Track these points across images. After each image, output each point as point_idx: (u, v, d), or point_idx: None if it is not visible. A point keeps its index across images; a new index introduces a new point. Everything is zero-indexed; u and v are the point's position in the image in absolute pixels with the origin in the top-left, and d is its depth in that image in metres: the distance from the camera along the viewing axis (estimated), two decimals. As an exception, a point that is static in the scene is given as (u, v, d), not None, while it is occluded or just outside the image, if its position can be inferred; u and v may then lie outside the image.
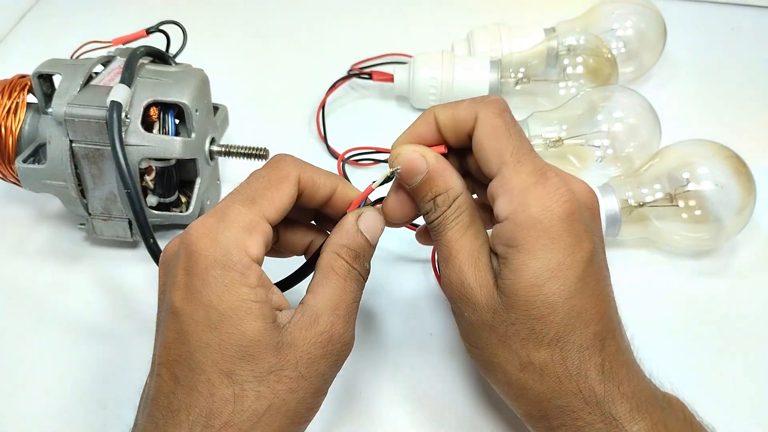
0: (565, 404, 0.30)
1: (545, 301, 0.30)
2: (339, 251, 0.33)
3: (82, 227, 0.46)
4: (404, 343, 0.42)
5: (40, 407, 0.40)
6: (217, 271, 0.29)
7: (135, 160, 0.42)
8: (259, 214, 0.31)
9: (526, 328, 0.31)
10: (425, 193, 0.33)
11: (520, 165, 0.31)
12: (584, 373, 0.30)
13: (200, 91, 0.44)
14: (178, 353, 0.29)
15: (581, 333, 0.31)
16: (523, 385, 0.31)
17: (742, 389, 0.40)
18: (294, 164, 0.33)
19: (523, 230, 0.30)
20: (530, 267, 0.30)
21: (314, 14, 0.71)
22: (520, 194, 0.31)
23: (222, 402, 0.29)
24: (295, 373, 0.30)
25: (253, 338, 0.29)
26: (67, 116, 0.41)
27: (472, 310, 0.32)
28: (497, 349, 0.32)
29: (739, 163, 0.45)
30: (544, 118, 0.50)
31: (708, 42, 0.67)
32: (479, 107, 0.33)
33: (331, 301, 0.31)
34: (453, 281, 0.33)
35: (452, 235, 0.33)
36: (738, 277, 0.46)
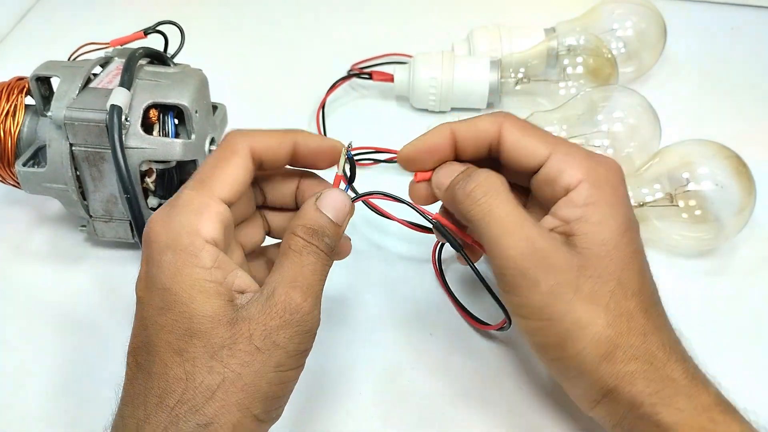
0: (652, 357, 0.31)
1: (626, 250, 0.32)
2: (294, 230, 0.32)
3: (83, 229, 0.46)
4: (404, 342, 0.42)
5: (40, 408, 0.40)
6: (169, 255, 0.30)
7: (135, 162, 0.42)
8: (208, 194, 0.31)
9: (614, 279, 0.31)
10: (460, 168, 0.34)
11: (568, 144, 0.34)
12: (662, 328, 0.32)
13: (199, 92, 0.44)
14: (140, 340, 0.30)
15: (651, 290, 0.33)
16: (613, 340, 0.31)
17: (742, 389, 0.40)
18: (242, 136, 0.33)
19: (600, 188, 0.32)
20: (612, 218, 0.32)
21: (314, 14, 0.71)
22: (585, 160, 0.33)
23: (174, 380, 0.29)
24: (250, 346, 0.29)
25: (204, 314, 0.29)
26: (66, 120, 0.41)
27: (553, 275, 0.31)
28: (584, 310, 0.31)
29: (739, 163, 0.45)
30: (544, 118, 0.50)
31: (708, 42, 0.67)
32: (502, 118, 0.35)
33: (287, 275, 0.31)
34: (523, 251, 0.31)
35: (507, 208, 0.32)
36: (738, 277, 0.46)
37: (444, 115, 0.58)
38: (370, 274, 0.46)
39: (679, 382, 0.30)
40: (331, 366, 0.41)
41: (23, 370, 0.41)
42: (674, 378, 0.30)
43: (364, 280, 0.46)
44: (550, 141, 0.34)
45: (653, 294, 0.33)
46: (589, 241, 0.32)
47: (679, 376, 0.30)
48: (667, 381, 0.30)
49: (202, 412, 0.28)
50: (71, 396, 0.40)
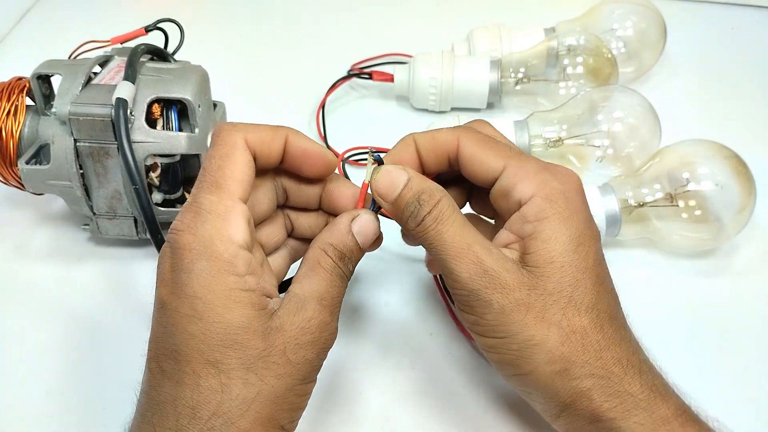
0: (608, 373, 0.30)
1: (579, 266, 0.31)
2: (326, 249, 0.32)
3: (86, 227, 0.46)
4: (404, 343, 0.42)
5: (42, 407, 0.40)
6: (203, 263, 0.29)
7: (141, 156, 0.42)
8: (228, 197, 0.31)
9: (566, 296, 0.31)
10: (408, 198, 0.33)
11: (523, 157, 0.34)
12: (619, 341, 0.31)
13: (201, 86, 0.44)
14: (165, 346, 0.30)
15: (608, 304, 0.32)
16: (567, 357, 0.31)
17: (743, 389, 0.40)
18: (236, 130, 0.33)
19: (551, 202, 0.32)
20: (563, 233, 0.32)
21: (314, 14, 0.71)
22: (538, 174, 0.33)
23: (209, 392, 0.28)
24: (283, 358, 0.29)
25: (240, 325, 0.29)
26: (71, 115, 0.41)
27: (503, 294, 0.31)
28: (535, 329, 0.31)
29: (739, 163, 0.45)
30: (544, 118, 0.50)
31: (708, 42, 0.67)
32: (459, 131, 0.35)
33: (318, 292, 0.31)
34: (473, 274, 0.31)
35: (455, 231, 0.32)
36: (738, 277, 0.46)
37: (444, 115, 0.58)
38: (370, 273, 0.46)
39: (637, 396, 0.30)
40: (331, 366, 0.41)
41: (26, 370, 0.41)
42: (632, 392, 0.30)
43: (364, 279, 0.46)
44: (503, 154, 0.34)
45: (610, 308, 0.32)
46: (540, 258, 0.31)
47: (637, 390, 0.30)
48: (624, 395, 0.30)
49: (237, 425, 0.28)
50: (74, 395, 0.40)
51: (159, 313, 0.30)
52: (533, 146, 0.50)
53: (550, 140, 0.50)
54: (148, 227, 0.40)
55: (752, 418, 0.39)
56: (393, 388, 0.40)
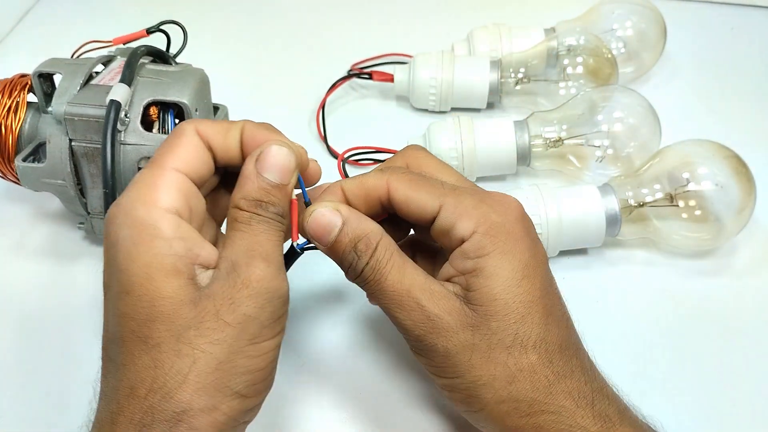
0: (559, 408, 0.30)
1: (524, 300, 0.31)
2: (238, 204, 0.31)
3: (81, 226, 0.46)
4: (404, 343, 0.42)
5: (39, 406, 0.40)
6: (125, 231, 0.28)
7: (134, 159, 0.42)
8: (160, 167, 0.30)
9: (511, 334, 0.30)
10: (345, 245, 0.32)
11: (459, 192, 0.33)
12: (570, 373, 0.30)
13: (200, 90, 0.44)
14: (110, 333, 0.29)
15: (558, 334, 0.31)
16: (516, 396, 0.30)
17: (742, 389, 0.40)
18: (187, 122, 0.33)
19: (491, 237, 0.31)
20: (505, 268, 0.31)
21: (314, 14, 0.71)
22: (475, 210, 0.32)
23: (143, 370, 0.28)
24: (218, 322, 0.28)
25: (164, 296, 0.28)
26: (66, 115, 0.41)
27: (446, 338, 0.31)
28: (482, 369, 0.31)
29: (739, 163, 0.45)
30: (544, 118, 0.50)
31: (708, 42, 0.67)
32: (388, 175, 0.34)
33: (243, 247, 0.30)
34: (415, 321, 0.31)
35: (394, 278, 0.32)
36: (738, 277, 0.46)
37: (444, 115, 0.58)
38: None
39: (589, 429, 0.30)
40: (332, 366, 0.41)
41: (22, 368, 0.41)
42: (584, 425, 0.30)
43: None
44: (438, 192, 0.33)
45: (560, 337, 0.31)
46: (483, 296, 0.31)
47: (589, 422, 0.30)
48: (576, 428, 0.30)
49: (176, 398, 0.27)
50: (69, 392, 0.40)
51: (104, 299, 0.30)
52: (533, 146, 0.50)
53: (550, 140, 0.50)
54: None
55: (752, 417, 0.39)
56: (393, 388, 0.40)
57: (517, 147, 0.50)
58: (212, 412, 0.28)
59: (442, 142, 0.50)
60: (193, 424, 0.27)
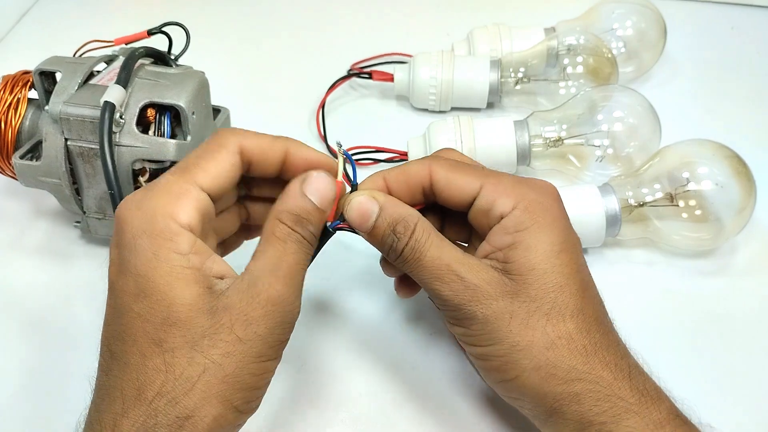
0: (596, 377, 0.30)
1: (563, 271, 0.32)
2: (279, 216, 0.32)
3: (77, 225, 0.46)
4: (404, 343, 0.42)
5: (39, 404, 0.39)
6: (144, 240, 0.29)
7: (128, 160, 0.42)
8: (189, 181, 0.31)
9: (549, 302, 0.31)
10: (384, 229, 0.33)
11: (498, 174, 0.34)
12: (607, 346, 0.31)
13: (198, 93, 0.44)
14: (114, 328, 0.29)
15: (593, 308, 0.32)
16: (553, 362, 0.31)
17: (742, 389, 0.40)
18: (233, 133, 0.33)
19: (530, 213, 0.32)
20: (544, 241, 0.32)
21: (314, 14, 0.71)
22: (515, 188, 0.33)
23: (153, 372, 0.28)
24: (231, 336, 0.29)
25: (183, 303, 0.28)
26: (62, 115, 0.41)
27: (486, 306, 0.31)
28: (521, 335, 0.31)
29: (739, 163, 0.45)
30: (544, 118, 0.50)
31: (708, 42, 0.67)
32: (430, 160, 0.35)
33: (270, 264, 0.30)
34: (455, 291, 0.32)
35: (433, 254, 0.33)
36: (738, 277, 0.46)
37: (444, 115, 0.58)
38: (370, 273, 0.46)
39: (628, 400, 0.30)
40: (332, 367, 0.41)
41: (21, 367, 0.41)
42: (622, 396, 0.30)
43: (363, 279, 0.46)
44: (479, 174, 0.34)
45: (596, 312, 0.32)
46: (522, 266, 0.32)
47: (627, 394, 0.30)
48: (614, 399, 0.30)
49: (182, 404, 0.28)
50: (66, 393, 0.40)
51: (109, 295, 0.30)
52: (533, 146, 0.50)
53: (550, 140, 0.50)
54: None
55: (752, 417, 0.39)
56: (393, 388, 0.40)
57: (517, 147, 0.50)
58: (212, 423, 0.28)
59: (442, 141, 0.50)
60: (194, 430, 0.28)
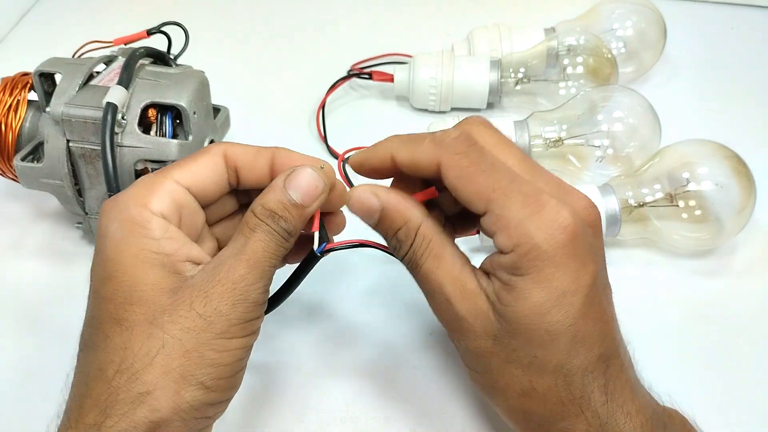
0: (569, 427, 0.30)
1: (549, 330, 0.30)
2: (254, 208, 0.32)
3: (79, 226, 0.46)
4: (404, 343, 0.42)
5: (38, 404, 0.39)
6: (115, 225, 0.30)
7: (130, 161, 0.42)
8: (165, 175, 0.32)
9: (529, 356, 0.30)
10: (386, 231, 0.33)
11: (508, 199, 0.30)
12: (587, 396, 0.30)
13: (199, 93, 0.44)
14: (89, 315, 0.30)
15: (584, 357, 0.30)
16: (526, 409, 0.31)
17: (742, 389, 0.40)
18: (216, 144, 0.34)
19: (528, 260, 0.29)
20: (534, 296, 0.29)
21: (314, 14, 0.71)
22: (518, 227, 0.29)
23: (113, 350, 0.29)
24: (191, 312, 0.29)
25: (146, 282, 0.29)
26: (63, 116, 0.41)
27: (469, 340, 0.31)
28: (499, 375, 0.31)
29: (739, 163, 0.45)
30: (544, 118, 0.50)
31: (708, 42, 0.67)
32: (440, 152, 0.31)
33: (236, 249, 0.31)
34: (444, 315, 0.32)
35: (428, 268, 0.32)
36: (738, 277, 0.46)
37: (444, 115, 0.58)
38: (370, 273, 0.46)
39: None
40: (332, 366, 0.41)
41: (19, 367, 0.41)
42: None
43: (363, 279, 0.46)
44: (486, 193, 0.30)
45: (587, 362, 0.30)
46: (509, 314, 0.30)
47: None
48: None
49: (142, 379, 0.28)
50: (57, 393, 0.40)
51: (89, 287, 0.31)
52: (533, 146, 0.50)
53: (550, 140, 0.50)
54: None
55: (752, 417, 0.39)
56: (393, 388, 0.40)
57: (517, 147, 0.50)
58: (174, 397, 0.28)
59: (442, 142, 0.50)
60: (155, 405, 0.28)
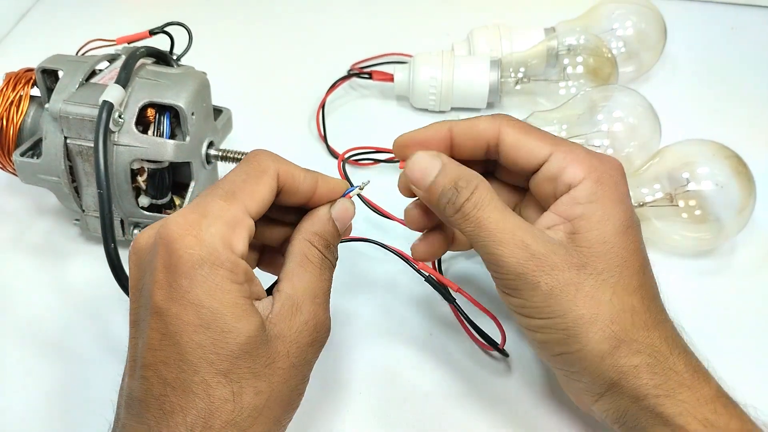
0: (656, 350, 0.31)
1: (627, 248, 0.32)
2: (312, 239, 0.33)
3: (77, 223, 0.46)
4: (404, 343, 0.42)
5: (38, 403, 0.40)
6: (205, 270, 0.29)
7: (127, 160, 0.42)
8: (241, 208, 0.31)
9: (615, 275, 0.32)
10: (444, 184, 0.33)
11: (570, 143, 0.34)
12: (664, 321, 0.32)
13: (198, 94, 0.44)
14: (166, 355, 0.29)
15: (652, 286, 0.33)
16: (617, 336, 0.31)
17: (742, 389, 0.40)
18: (271, 159, 0.33)
19: (602, 185, 0.33)
20: (614, 215, 0.32)
21: (314, 14, 0.71)
22: (587, 159, 0.33)
23: (221, 401, 0.28)
24: (287, 363, 0.30)
25: (249, 335, 0.29)
26: (61, 113, 0.41)
27: (552, 276, 0.31)
28: (586, 307, 0.31)
29: (739, 163, 0.45)
30: (544, 118, 0.50)
31: (708, 42, 0.67)
32: (500, 119, 0.35)
33: (310, 290, 0.32)
34: (520, 259, 0.32)
35: (497, 216, 0.32)
36: (738, 277, 0.46)
37: (444, 115, 0.58)
38: (370, 273, 0.46)
39: (682, 375, 0.31)
40: (332, 366, 0.41)
41: (19, 366, 0.41)
42: (677, 370, 0.31)
43: (364, 279, 0.46)
44: (550, 140, 0.34)
45: (654, 289, 0.33)
46: (591, 238, 0.32)
47: (682, 368, 0.31)
48: (670, 373, 0.31)
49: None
50: (65, 391, 0.40)
51: (154, 319, 0.29)
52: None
53: (549, 140, 0.50)
54: (102, 233, 0.39)
55: (752, 413, 0.39)
56: (393, 388, 0.40)
57: (517, 147, 0.50)
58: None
59: (442, 142, 0.50)
60: None
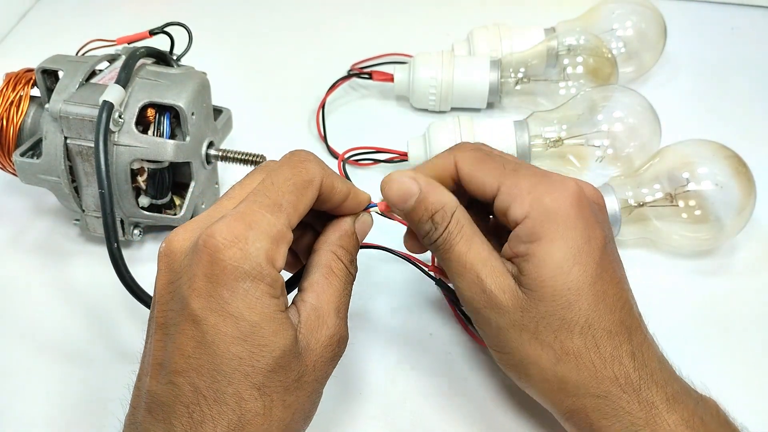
0: (604, 392, 0.31)
1: (572, 287, 0.31)
2: (338, 252, 0.33)
3: (77, 223, 0.46)
4: (404, 343, 0.42)
5: (38, 402, 0.40)
6: (248, 284, 0.29)
7: (127, 160, 0.42)
8: (285, 223, 0.30)
9: (557, 319, 0.31)
10: (421, 215, 0.34)
11: (517, 173, 0.34)
12: (618, 359, 0.31)
13: (198, 94, 0.44)
14: (200, 363, 0.29)
15: (608, 319, 0.32)
16: (561, 377, 0.32)
17: (743, 389, 0.40)
18: (318, 166, 0.33)
19: (542, 223, 0.32)
20: (554, 256, 0.31)
21: (314, 14, 0.71)
22: (530, 193, 0.33)
23: (252, 415, 0.29)
24: (312, 376, 0.31)
25: (285, 350, 0.29)
26: (61, 113, 0.41)
27: (499, 315, 0.32)
28: (530, 348, 0.32)
29: (739, 163, 0.45)
30: (544, 118, 0.50)
31: (708, 42, 0.67)
32: (455, 151, 0.36)
33: (335, 303, 0.32)
34: (474, 293, 0.33)
35: (461, 249, 0.33)
36: (738, 277, 0.46)
37: (444, 115, 0.58)
38: (371, 273, 0.46)
39: (636, 415, 0.31)
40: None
41: (16, 365, 0.41)
42: (630, 411, 0.31)
43: (364, 279, 0.46)
44: (498, 173, 0.34)
45: (611, 324, 0.32)
46: (532, 281, 0.32)
47: (635, 408, 0.31)
48: (622, 414, 0.31)
49: None
50: (65, 390, 0.40)
51: (189, 326, 0.29)
52: (533, 146, 0.50)
53: (550, 140, 0.50)
54: (105, 233, 0.39)
55: (752, 418, 0.39)
56: (393, 388, 0.40)
57: (517, 147, 0.50)
58: None
59: (442, 141, 0.50)
60: None
